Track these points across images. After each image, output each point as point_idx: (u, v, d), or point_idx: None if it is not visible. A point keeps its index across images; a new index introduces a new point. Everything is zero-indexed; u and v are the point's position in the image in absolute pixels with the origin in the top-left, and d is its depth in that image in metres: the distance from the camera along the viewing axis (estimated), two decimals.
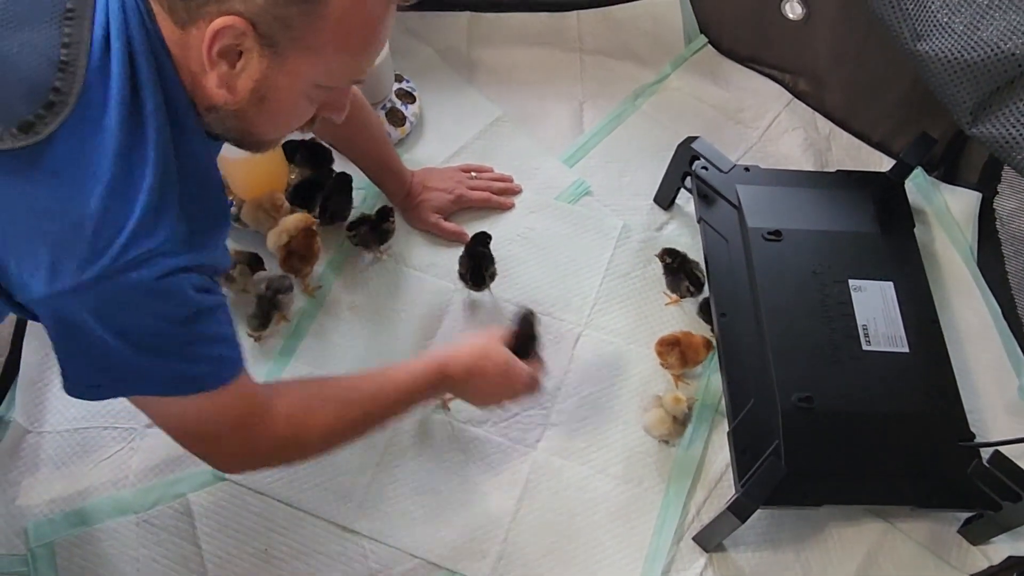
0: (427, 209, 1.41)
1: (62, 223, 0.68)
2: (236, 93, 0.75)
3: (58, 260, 0.68)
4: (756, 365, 1.20)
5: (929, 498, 1.13)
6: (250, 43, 0.71)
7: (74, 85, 0.68)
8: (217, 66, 0.72)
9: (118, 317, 0.71)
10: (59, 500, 1.15)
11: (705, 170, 1.36)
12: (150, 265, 0.70)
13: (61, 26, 0.70)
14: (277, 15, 0.70)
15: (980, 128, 0.92)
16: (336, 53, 0.75)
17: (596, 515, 1.20)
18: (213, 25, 0.69)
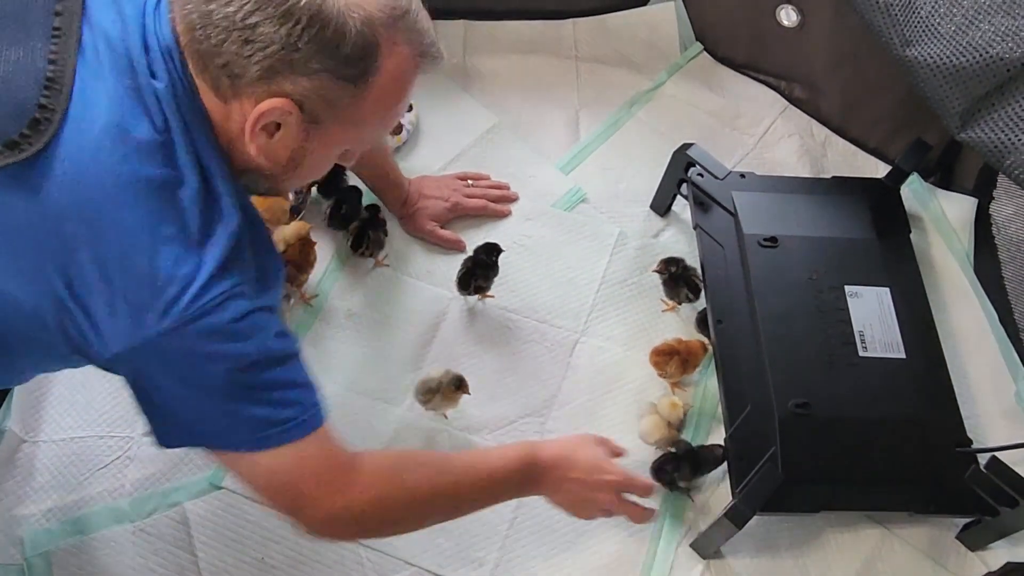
0: (424, 217, 1.41)
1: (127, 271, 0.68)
2: (272, 159, 0.77)
3: (129, 311, 0.68)
4: (753, 372, 1.20)
5: (926, 504, 1.13)
6: (293, 120, 0.73)
7: (59, 102, 0.69)
8: (257, 138, 0.74)
9: (197, 365, 0.71)
10: (55, 509, 1.15)
11: (701, 177, 1.37)
12: (224, 308, 0.70)
13: (48, 43, 0.70)
14: (324, 97, 0.72)
15: (969, 133, 0.92)
16: (371, 124, 0.79)
17: (593, 523, 1.18)
18: (261, 107, 0.71)
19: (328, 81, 0.71)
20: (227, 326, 0.71)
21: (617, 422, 1.27)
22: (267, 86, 0.71)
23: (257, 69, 0.70)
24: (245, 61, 0.69)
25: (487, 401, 1.28)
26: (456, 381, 1.19)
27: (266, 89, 0.71)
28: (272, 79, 0.70)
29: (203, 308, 0.69)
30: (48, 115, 0.68)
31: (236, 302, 0.71)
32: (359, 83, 0.73)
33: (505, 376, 1.30)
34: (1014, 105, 0.88)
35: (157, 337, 0.69)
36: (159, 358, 0.71)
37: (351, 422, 1.24)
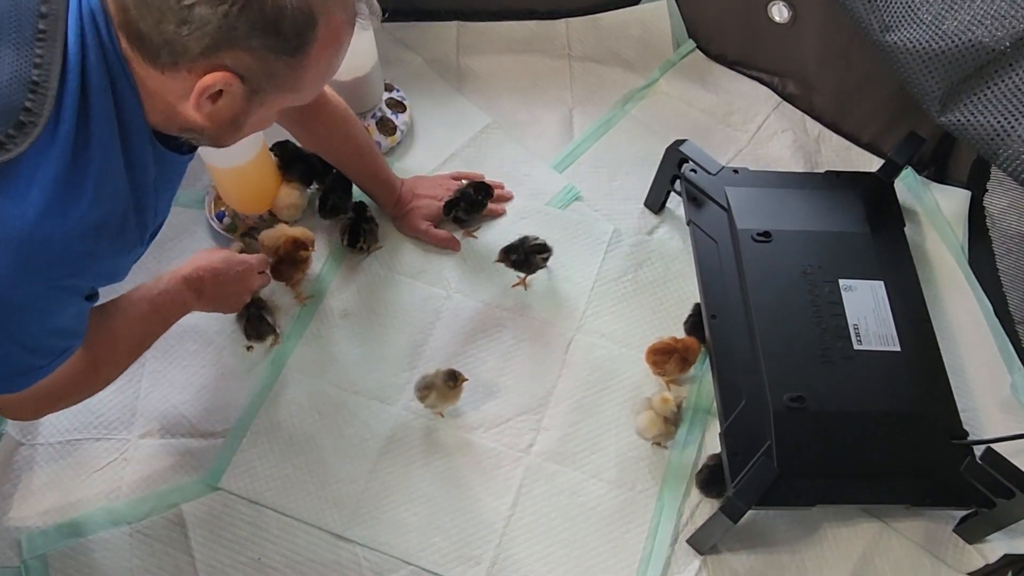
0: (417, 217, 1.41)
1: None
2: (215, 121, 0.80)
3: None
4: (747, 366, 1.20)
5: (923, 497, 1.13)
6: (235, 89, 0.76)
7: (45, 106, 0.70)
8: (202, 107, 0.76)
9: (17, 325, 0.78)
10: (52, 512, 1.15)
11: (694, 172, 1.37)
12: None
13: (33, 47, 0.71)
14: (264, 70, 0.75)
15: (949, 116, 0.93)
16: (309, 87, 0.82)
17: (590, 519, 1.19)
18: (205, 80, 0.73)
19: (267, 55, 0.74)
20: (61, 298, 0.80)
21: (613, 419, 1.27)
22: (207, 60, 0.73)
23: (197, 48, 0.71)
24: (185, 40, 0.71)
25: (483, 399, 1.28)
26: (450, 376, 1.19)
27: (206, 63, 0.73)
28: (213, 54, 0.72)
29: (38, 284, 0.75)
30: (33, 118, 0.70)
31: (83, 280, 0.80)
32: (297, 54, 0.76)
33: (501, 374, 1.31)
34: (992, 89, 0.88)
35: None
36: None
37: (347, 421, 1.25)
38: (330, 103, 1.25)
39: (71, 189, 0.74)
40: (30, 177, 0.71)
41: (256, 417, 1.24)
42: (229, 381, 1.27)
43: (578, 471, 1.23)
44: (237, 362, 1.29)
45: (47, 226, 0.72)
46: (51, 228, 0.73)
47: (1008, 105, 0.88)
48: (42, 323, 0.80)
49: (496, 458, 1.23)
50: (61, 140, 0.72)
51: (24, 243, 0.72)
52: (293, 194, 1.40)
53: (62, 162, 0.73)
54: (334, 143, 1.31)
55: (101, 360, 0.98)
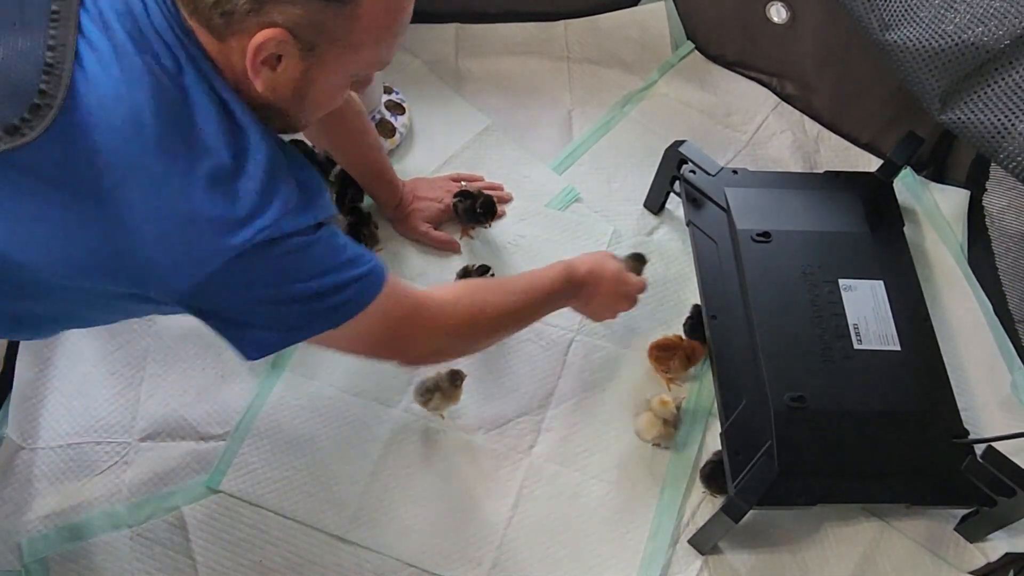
0: (417, 219, 1.42)
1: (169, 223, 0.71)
2: (279, 92, 0.78)
3: (185, 255, 0.72)
4: (747, 366, 1.20)
5: (924, 496, 1.13)
6: (290, 49, 0.74)
7: (60, 88, 0.69)
8: (261, 72, 0.75)
9: (261, 286, 0.76)
10: (53, 515, 1.15)
11: (693, 173, 1.37)
12: (274, 233, 0.74)
13: (47, 28, 0.70)
14: (314, 21, 0.73)
15: (949, 115, 0.93)
16: (369, 45, 0.79)
17: (591, 520, 1.19)
18: (255, 40, 0.72)
19: (315, 4, 0.72)
20: (280, 253, 0.75)
21: (613, 420, 1.27)
22: (257, 18, 0.72)
23: (244, 2, 0.71)
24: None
25: (483, 401, 1.28)
26: (452, 376, 1.20)
27: (257, 21, 0.72)
28: (261, 10, 0.71)
29: (252, 242, 0.72)
30: (48, 100, 0.69)
31: (284, 225, 0.74)
32: (347, 3, 0.73)
33: (501, 376, 1.31)
34: (992, 87, 0.88)
35: (216, 273, 0.72)
36: (223, 289, 0.75)
37: (347, 424, 1.25)
38: (346, 99, 1.25)
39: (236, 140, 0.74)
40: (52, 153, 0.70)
41: (257, 419, 1.24)
42: (230, 383, 1.27)
43: (579, 472, 1.23)
44: (238, 364, 1.29)
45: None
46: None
47: (1008, 103, 0.88)
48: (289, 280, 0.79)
49: (497, 460, 1.23)
50: (204, 97, 0.73)
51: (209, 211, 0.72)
52: None
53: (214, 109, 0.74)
54: (347, 140, 1.31)
55: (454, 317, 0.97)
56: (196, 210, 0.71)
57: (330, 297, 0.80)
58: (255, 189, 0.73)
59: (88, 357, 1.27)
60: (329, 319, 0.82)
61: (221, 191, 0.72)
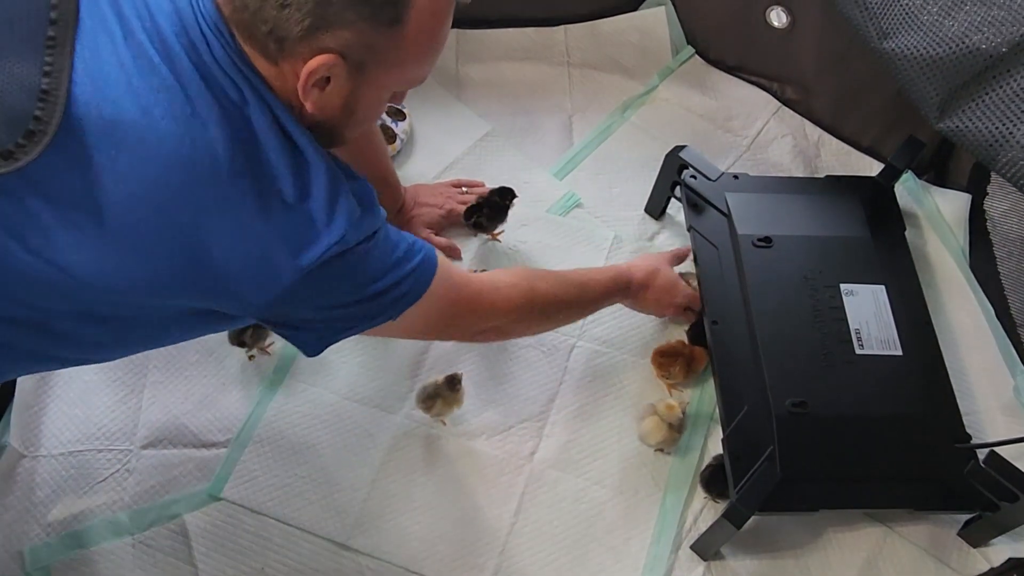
0: (418, 224, 1.42)
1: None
2: (327, 112, 0.81)
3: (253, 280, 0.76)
4: (749, 371, 1.20)
5: (926, 501, 1.13)
6: (340, 71, 0.76)
7: (54, 114, 0.70)
8: (311, 93, 0.77)
9: (328, 295, 0.82)
10: (55, 523, 1.15)
11: (694, 179, 1.37)
12: (340, 249, 0.78)
13: (43, 54, 0.71)
14: (364, 44, 0.75)
15: (947, 123, 0.93)
16: (413, 62, 0.81)
17: (593, 526, 1.19)
18: (309, 65, 0.74)
19: (366, 28, 0.74)
20: (347, 263, 0.80)
21: (616, 425, 1.27)
22: (310, 44, 0.73)
23: (298, 29, 0.72)
24: (286, 24, 0.72)
25: (485, 407, 1.28)
26: (450, 381, 1.20)
27: (309, 47, 0.74)
28: (314, 36, 0.73)
29: (323, 258, 0.76)
30: (42, 126, 0.69)
31: (349, 237, 0.78)
32: (395, 25, 0.75)
33: (503, 382, 1.31)
34: (991, 94, 0.89)
35: (285, 292, 0.77)
36: (294, 300, 0.80)
37: (349, 430, 1.25)
38: None
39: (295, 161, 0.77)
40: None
41: (258, 427, 1.24)
42: (231, 391, 1.27)
43: (580, 478, 1.23)
44: (239, 372, 1.29)
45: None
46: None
47: (1006, 110, 0.88)
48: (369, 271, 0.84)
49: (498, 466, 1.23)
50: (259, 124, 0.75)
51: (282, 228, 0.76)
52: None
53: (273, 138, 0.76)
54: (354, 144, 1.31)
55: (508, 301, 1.04)
56: (271, 233, 0.75)
57: (390, 292, 0.86)
58: (321, 208, 0.77)
59: (90, 365, 1.27)
60: (389, 312, 0.88)
61: (291, 213, 0.76)
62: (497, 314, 1.04)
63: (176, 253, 0.74)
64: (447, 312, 0.96)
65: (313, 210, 0.76)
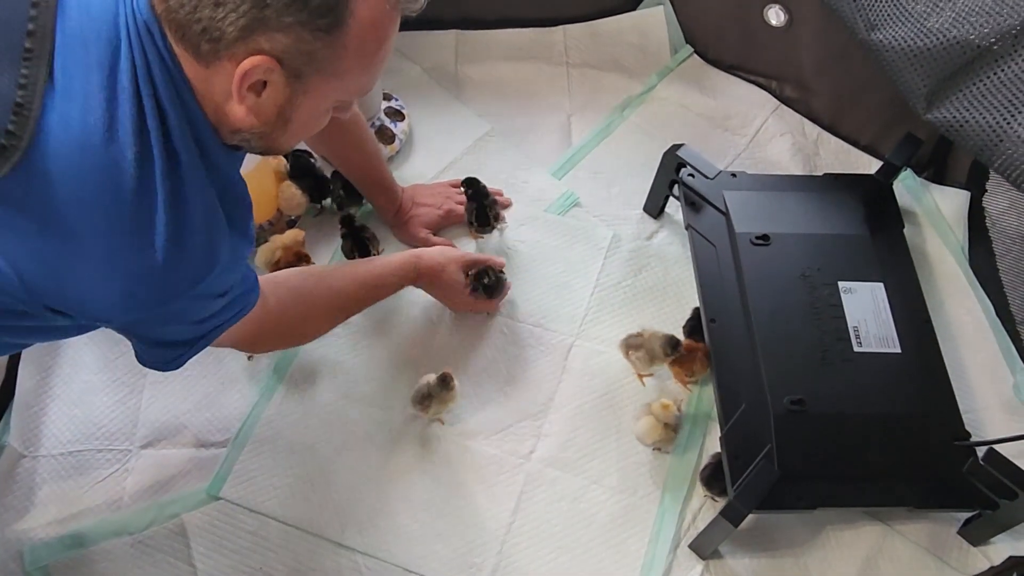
0: (417, 225, 1.42)
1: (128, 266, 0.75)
2: (262, 118, 0.79)
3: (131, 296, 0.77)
4: (747, 369, 1.19)
5: (926, 499, 1.12)
6: (276, 76, 0.75)
7: (27, 128, 0.69)
8: (246, 98, 0.76)
9: (176, 318, 0.85)
10: (54, 523, 1.16)
11: (692, 177, 1.37)
12: (202, 292, 0.81)
13: (19, 66, 0.70)
14: (302, 50, 0.74)
15: (935, 113, 0.93)
16: (353, 73, 0.79)
17: (592, 525, 1.19)
18: (243, 66, 0.72)
19: (302, 33, 0.72)
20: (205, 297, 0.84)
21: (613, 424, 1.27)
22: (245, 46, 0.72)
23: (232, 30, 0.71)
24: (220, 23, 0.71)
25: (483, 406, 1.28)
26: (442, 380, 1.20)
27: (244, 48, 0.72)
28: (249, 38, 0.72)
29: (185, 299, 0.79)
30: (14, 141, 0.68)
31: (213, 279, 0.81)
32: (334, 31, 0.74)
33: (501, 381, 1.31)
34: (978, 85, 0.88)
35: (146, 316, 0.80)
36: (146, 323, 0.84)
37: (347, 430, 1.25)
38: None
39: (178, 216, 0.75)
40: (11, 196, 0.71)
41: (257, 426, 1.24)
42: (230, 391, 1.28)
43: (579, 477, 1.23)
44: (238, 372, 1.29)
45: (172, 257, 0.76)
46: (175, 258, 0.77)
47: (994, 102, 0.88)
48: (199, 312, 0.87)
49: (497, 465, 1.23)
50: (159, 172, 0.74)
51: (154, 275, 0.76)
52: (295, 192, 1.40)
53: (164, 192, 0.74)
54: (346, 147, 1.32)
55: (289, 318, 1.08)
56: (135, 273, 0.75)
57: (225, 314, 0.91)
58: (192, 258, 0.77)
59: (89, 365, 1.27)
60: (212, 334, 0.92)
61: (163, 258, 0.74)
62: (277, 338, 1.12)
63: (42, 259, 0.73)
64: (247, 332, 0.99)
65: (184, 253, 0.76)
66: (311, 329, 1.16)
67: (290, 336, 1.14)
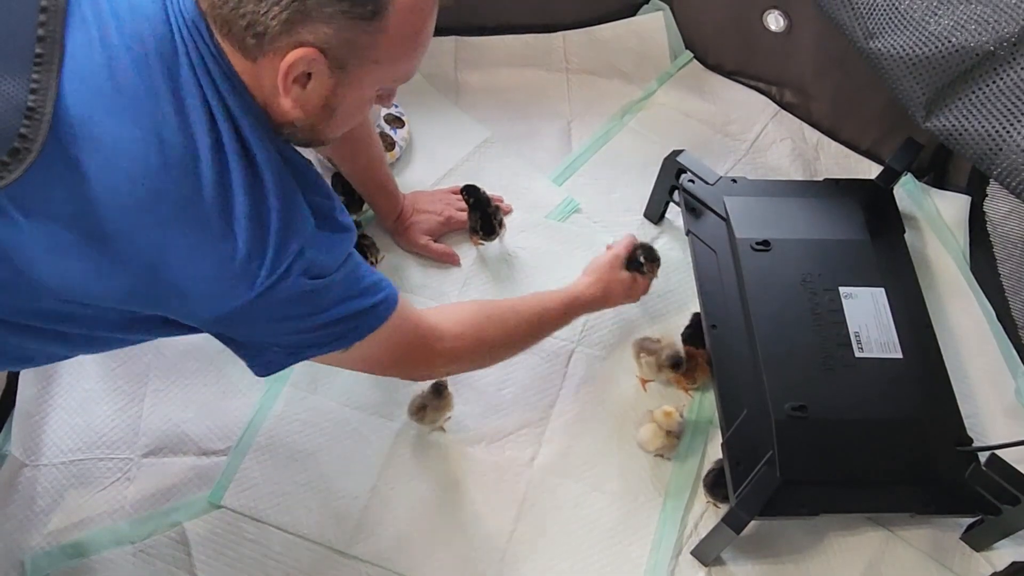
0: (417, 231, 1.42)
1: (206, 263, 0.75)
2: (308, 110, 0.80)
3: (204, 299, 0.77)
4: (748, 376, 1.19)
5: (928, 504, 1.12)
6: (320, 67, 0.75)
7: (40, 131, 0.70)
8: (291, 90, 0.77)
9: (281, 315, 0.81)
10: (56, 532, 1.16)
11: (692, 183, 1.37)
12: (293, 271, 0.78)
13: (31, 71, 0.71)
14: (343, 40, 0.74)
15: (934, 122, 0.93)
16: (395, 60, 0.80)
17: (593, 532, 1.19)
18: (287, 59, 0.73)
19: (345, 22, 0.73)
20: (301, 284, 0.79)
21: (615, 431, 1.27)
22: (289, 38, 0.73)
23: (276, 23, 0.72)
24: (264, 17, 0.72)
25: (484, 413, 1.28)
26: (436, 389, 1.20)
27: (288, 41, 0.73)
28: (292, 30, 0.72)
29: (274, 280, 0.76)
30: (28, 144, 0.69)
31: (303, 261, 0.78)
32: (375, 19, 0.74)
33: (502, 388, 1.31)
34: (978, 92, 0.88)
35: (235, 311, 0.77)
36: (244, 320, 0.80)
37: (348, 437, 1.25)
38: None
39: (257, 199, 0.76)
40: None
41: (258, 434, 1.24)
42: (231, 399, 1.27)
43: (580, 484, 1.23)
44: (239, 380, 1.29)
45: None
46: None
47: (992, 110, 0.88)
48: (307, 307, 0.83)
49: (498, 472, 1.23)
50: (232, 158, 0.74)
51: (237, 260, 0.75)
52: None
53: (241, 177, 0.75)
54: (351, 150, 1.32)
55: (457, 349, 1.03)
56: (226, 253, 0.74)
57: (342, 324, 0.86)
58: (275, 230, 0.76)
59: (90, 373, 1.27)
60: (338, 343, 0.88)
61: (246, 234, 0.75)
62: (445, 360, 1.04)
63: (137, 263, 0.74)
64: (397, 353, 0.97)
65: (267, 232, 0.76)
66: (478, 361, 1.12)
67: (463, 360, 1.08)
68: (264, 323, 0.81)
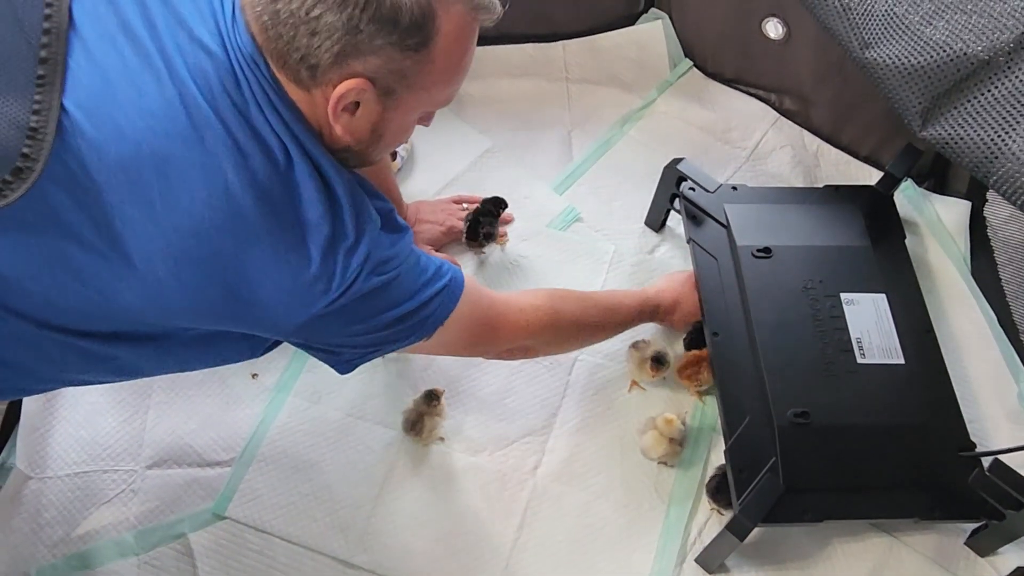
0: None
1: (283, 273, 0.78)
2: (356, 136, 0.83)
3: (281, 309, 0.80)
4: (750, 383, 1.19)
5: (931, 510, 1.12)
6: (369, 96, 0.78)
7: (42, 151, 0.71)
8: (341, 118, 0.79)
9: (357, 317, 0.85)
10: (61, 544, 1.16)
11: (692, 191, 1.37)
12: (366, 272, 0.81)
13: (33, 92, 0.72)
14: (393, 69, 0.77)
15: (930, 131, 0.93)
16: (440, 85, 0.83)
17: (597, 540, 1.19)
18: (339, 89, 0.76)
19: (393, 54, 0.75)
20: (372, 287, 0.82)
21: (618, 439, 1.27)
22: (340, 70, 0.75)
23: (328, 56, 0.74)
24: (317, 51, 0.74)
25: (487, 422, 1.28)
26: (428, 397, 1.21)
27: (340, 73, 0.76)
28: (344, 63, 0.75)
29: (350, 283, 0.80)
30: (30, 164, 0.71)
31: (371, 262, 0.81)
32: (422, 49, 0.77)
33: (505, 396, 1.31)
34: (974, 101, 0.89)
35: (314, 318, 0.80)
36: (324, 325, 0.83)
37: (352, 447, 1.25)
38: None
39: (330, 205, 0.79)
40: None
41: (262, 445, 1.24)
42: (235, 409, 1.28)
43: (584, 492, 1.23)
44: (242, 390, 1.30)
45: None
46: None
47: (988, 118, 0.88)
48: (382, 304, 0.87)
49: (502, 480, 1.23)
50: (300, 171, 0.77)
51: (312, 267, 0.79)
52: None
53: (311, 188, 0.78)
54: None
55: (532, 323, 1.07)
56: (302, 262, 0.78)
57: (418, 314, 0.90)
58: (348, 235, 0.79)
59: (94, 386, 1.28)
60: (418, 333, 0.92)
61: (321, 242, 0.78)
62: (520, 335, 1.07)
63: (213, 282, 0.77)
64: (476, 330, 1.01)
65: (340, 238, 0.79)
66: (556, 338, 1.16)
67: (546, 334, 1.12)
68: (343, 326, 0.85)
